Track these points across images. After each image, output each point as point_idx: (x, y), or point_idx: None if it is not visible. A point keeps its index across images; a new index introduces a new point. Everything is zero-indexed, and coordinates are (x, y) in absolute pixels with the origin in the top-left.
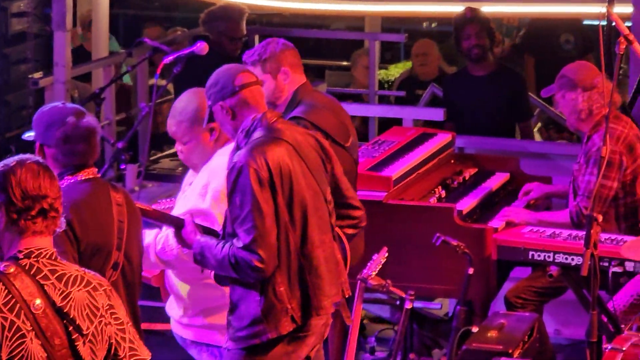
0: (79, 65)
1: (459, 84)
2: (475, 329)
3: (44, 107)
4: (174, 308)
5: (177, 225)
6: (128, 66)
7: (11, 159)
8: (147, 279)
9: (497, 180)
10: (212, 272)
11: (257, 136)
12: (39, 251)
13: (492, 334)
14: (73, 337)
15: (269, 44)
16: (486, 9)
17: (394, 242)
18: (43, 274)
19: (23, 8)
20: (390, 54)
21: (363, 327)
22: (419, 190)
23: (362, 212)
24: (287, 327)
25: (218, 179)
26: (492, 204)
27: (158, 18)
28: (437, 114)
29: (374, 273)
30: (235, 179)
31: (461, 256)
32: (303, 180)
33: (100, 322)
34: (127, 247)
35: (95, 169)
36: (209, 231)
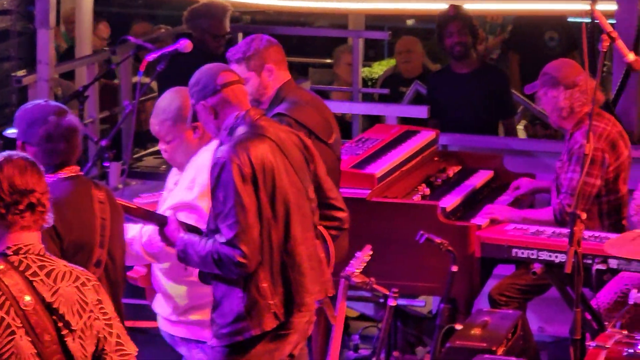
0: (63, 63)
1: (442, 82)
2: (459, 326)
3: (26, 105)
4: (162, 306)
5: (161, 222)
6: (112, 64)
7: None
8: (134, 280)
9: (480, 178)
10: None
11: (240, 133)
12: (28, 247)
13: (476, 331)
14: (63, 333)
15: (253, 41)
16: (470, 7)
17: (378, 239)
18: (32, 270)
19: (6, 6)
20: (374, 52)
21: (347, 324)
22: (402, 187)
23: (345, 213)
24: (270, 323)
25: (205, 174)
26: (476, 202)
27: (142, 16)
28: (421, 112)
29: (357, 271)
30: (218, 175)
31: (445, 254)
32: (286, 177)
33: (89, 317)
34: (109, 244)
35: (77, 167)
36: (192, 229)
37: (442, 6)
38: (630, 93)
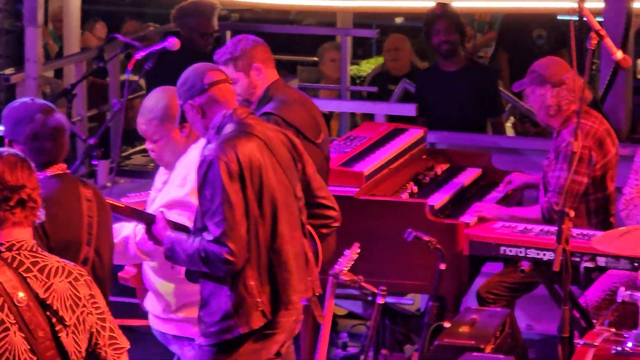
0: (51, 62)
1: (430, 80)
2: (447, 324)
3: (14, 103)
4: (153, 304)
5: (148, 221)
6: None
7: None
8: (125, 280)
9: (469, 176)
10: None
11: (228, 131)
12: (20, 243)
13: (464, 329)
14: (57, 329)
15: (240, 42)
16: (458, 5)
17: (366, 237)
18: (25, 266)
19: None
20: (362, 50)
21: (335, 322)
22: (390, 185)
23: (336, 212)
24: (258, 321)
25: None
26: (464, 200)
27: (130, 14)
28: (409, 110)
29: (345, 269)
30: (206, 172)
31: (433, 252)
32: (273, 175)
33: (82, 312)
34: (97, 242)
35: (65, 165)
36: (180, 227)
37: (431, 4)
38: (618, 91)
